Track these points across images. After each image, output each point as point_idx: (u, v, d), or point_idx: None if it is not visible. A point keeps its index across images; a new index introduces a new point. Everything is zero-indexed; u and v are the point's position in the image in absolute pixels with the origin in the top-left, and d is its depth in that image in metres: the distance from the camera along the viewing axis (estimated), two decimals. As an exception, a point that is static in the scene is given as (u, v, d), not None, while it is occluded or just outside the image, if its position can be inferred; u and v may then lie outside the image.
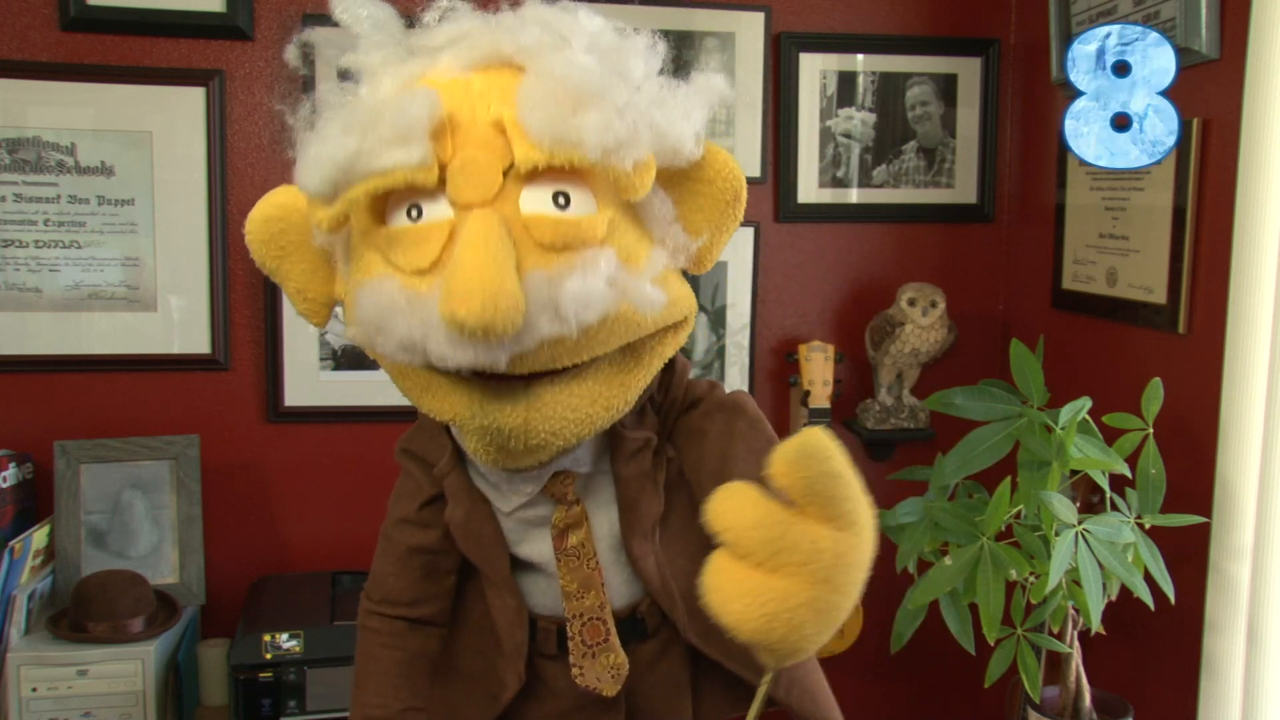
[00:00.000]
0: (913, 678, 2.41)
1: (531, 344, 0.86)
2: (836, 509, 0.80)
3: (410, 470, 1.17)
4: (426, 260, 0.88)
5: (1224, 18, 1.64)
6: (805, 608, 0.80)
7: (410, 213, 0.90)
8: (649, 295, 0.94)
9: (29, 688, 1.80)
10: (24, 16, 2.00)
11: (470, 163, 0.89)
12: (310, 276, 1.02)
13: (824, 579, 0.80)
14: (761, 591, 0.80)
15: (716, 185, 1.00)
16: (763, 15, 2.19)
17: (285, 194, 1.02)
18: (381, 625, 1.18)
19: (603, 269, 0.89)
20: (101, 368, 2.07)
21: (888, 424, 2.26)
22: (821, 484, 0.80)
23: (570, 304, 0.86)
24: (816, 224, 2.29)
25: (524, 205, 0.89)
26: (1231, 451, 1.53)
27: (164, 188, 2.06)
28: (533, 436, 0.92)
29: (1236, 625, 1.54)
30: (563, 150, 0.87)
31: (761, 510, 0.81)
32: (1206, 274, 1.69)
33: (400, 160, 0.87)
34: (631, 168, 0.90)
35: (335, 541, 2.18)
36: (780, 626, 0.80)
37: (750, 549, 0.80)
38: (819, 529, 0.80)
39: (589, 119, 0.87)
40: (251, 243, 1.01)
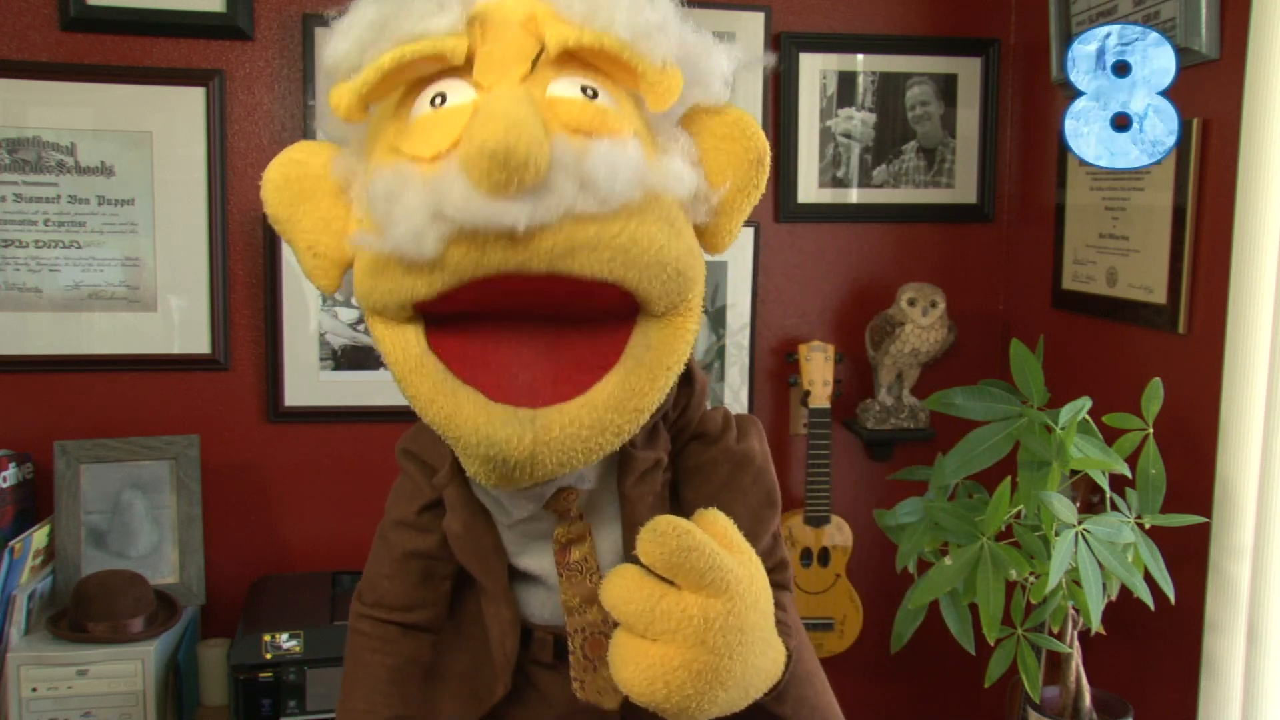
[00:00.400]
0: (913, 678, 2.41)
1: (554, 210, 0.81)
2: (700, 579, 0.87)
3: (410, 472, 1.15)
4: (446, 141, 0.84)
5: (1224, 18, 1.64)
6: (681, 670, 0.87)
7: (434, 101, 0.88)
8: (678, 172, 0.91)
9: (29, 688, 1.80)
10: (24, 16, 2.00)
11: (498, 48, 0.88)
12: (322, 229, 0.96)
13: (697, 642, 0.87)
14: (642, 658, 0.88)
15: (740, 144, 0.97)
16: (763, 15, 2.19)
17: (306, 146, 0.98)
18: (373, 629, 1.17)
19: (630, 149, 0.86)
20: (101, 368, 2.08)
21: (888, 424, 2.26)
22: (678, 559, 0.87)
23: (598, 167, 0.82)
24: (816, 224, 2.29)
25: (552, 90, 0.87)
26: (1231, 451, 1.53)
27: (164, 188, 2.06)
28: (538, 467, 0.88)
29: (1236, 625, 1.54)
30: (594, 25, 0.86)
31: (635, 586, 0.88)
32: (1206, 274, 1.69)
33: (432, 25, 0.86)
34: (660, 65, 0.88)
35: (335, 541, 2.18)
36: (662, 688, 0.87)
37: (631, 620, 0.88)
38: (688, 598, 0.87)
39: (620, 6, 0.87)
40: (267, 188, 0.96)
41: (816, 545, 2.21)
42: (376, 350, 0.96)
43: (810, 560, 2.21)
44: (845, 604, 2.23)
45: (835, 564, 2.22)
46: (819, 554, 2.21)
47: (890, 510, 1.70)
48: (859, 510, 2.27)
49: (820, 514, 2.18)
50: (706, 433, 1.12)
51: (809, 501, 2.18)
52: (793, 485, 2.33)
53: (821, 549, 2.21)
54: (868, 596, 2.25)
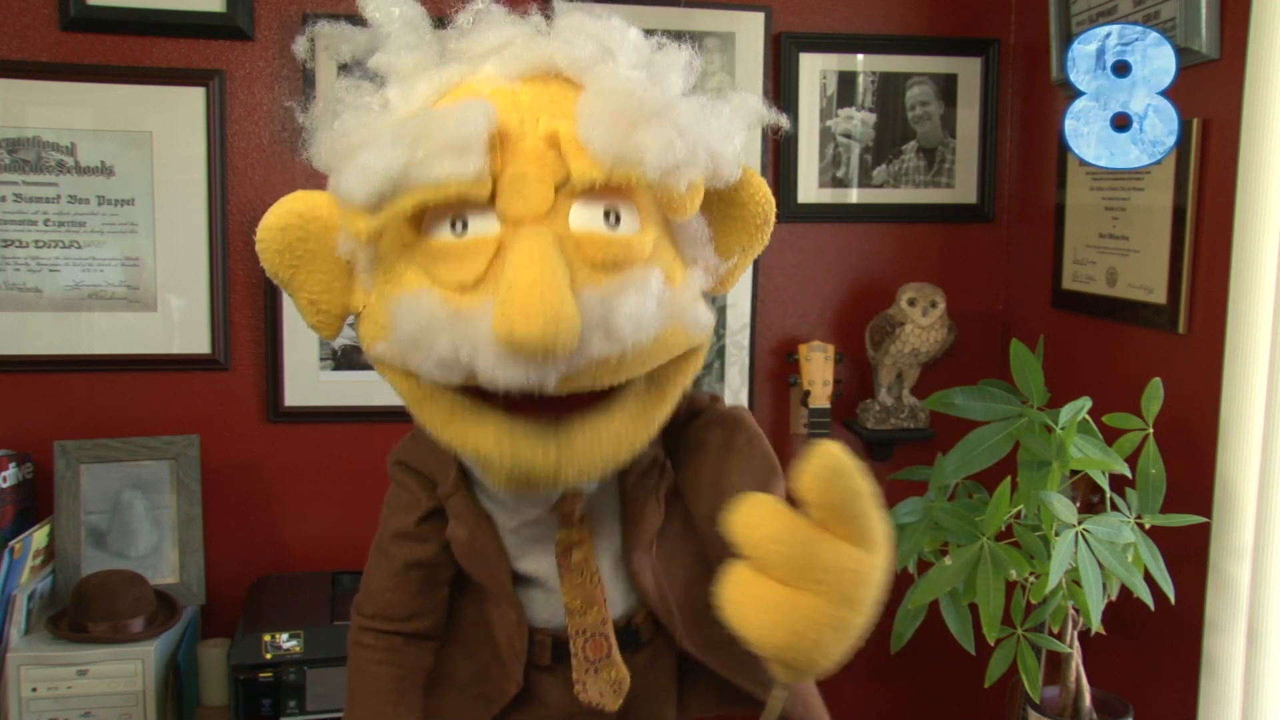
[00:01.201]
0: (913, 678, 2.41)
1: (582, 364, 0.84)
2: (860, 527, 0.81)
3: (406, 484, 1.15)
4: (472, 276, 0.85)
5: (1224, 18, 1.64)
6: (828, 626, 0.80)
7: (455, 226, 0.88)
8: (690, 309, 0.93)
9: (29, 688, 1.80)
10: (24, 16, 2.00)
11: (522, 177, 0.87)
12: (326, 288, 0.97)
13: (847, 598, 0.80)
14: (787, 608, 0.80)
15: (749, 209, 1.01)
16: (763, 15, 2.19)
17: (302, 200, 0.96)
18: (377, 641, 1.16)
19: (653, 288, 0.88)
20: (101, 368, 2.07)
21: (888, 424, 2.26)
22: (849, 503, 0.80)
23: (625, 324, 0.85)
24: (816, 224, 2.29)
25: (574, 222, 0.88)
26: (1231, 451, 1.53)
27: (164, 188, 2.06)
28: (562, 478, 0.90)
29: (1236, 625, 1.54)
30: (623, 169, 0.86)
31: (789, 525, 0.80)
32: (1206, 274, 1.69)
33: (456, 172, 0.85)
34: (685, 189, 0.89)
35: (335, 541, 2.18)
36: (804, 643, 0.80)
37: (775, 564, 0.80)
38: (844, 548, 0.80)
39: (651, 138, 0.86)
40: (265, 251, 0.96)
41: (816, 545, 2.21)
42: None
43: (810, 560, 2.21)
44: (845, 604, 2.23)
45: (835, 564, 2.22)
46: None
47: (890, 510, 1.70)
48: (859, 510, 2.27)
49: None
50: (696, 409, 1.13)
51: (809, 501, 2.17)
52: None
53: (821, 549, 2.21)
54: (868, 596, 2.25)
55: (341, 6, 2.09)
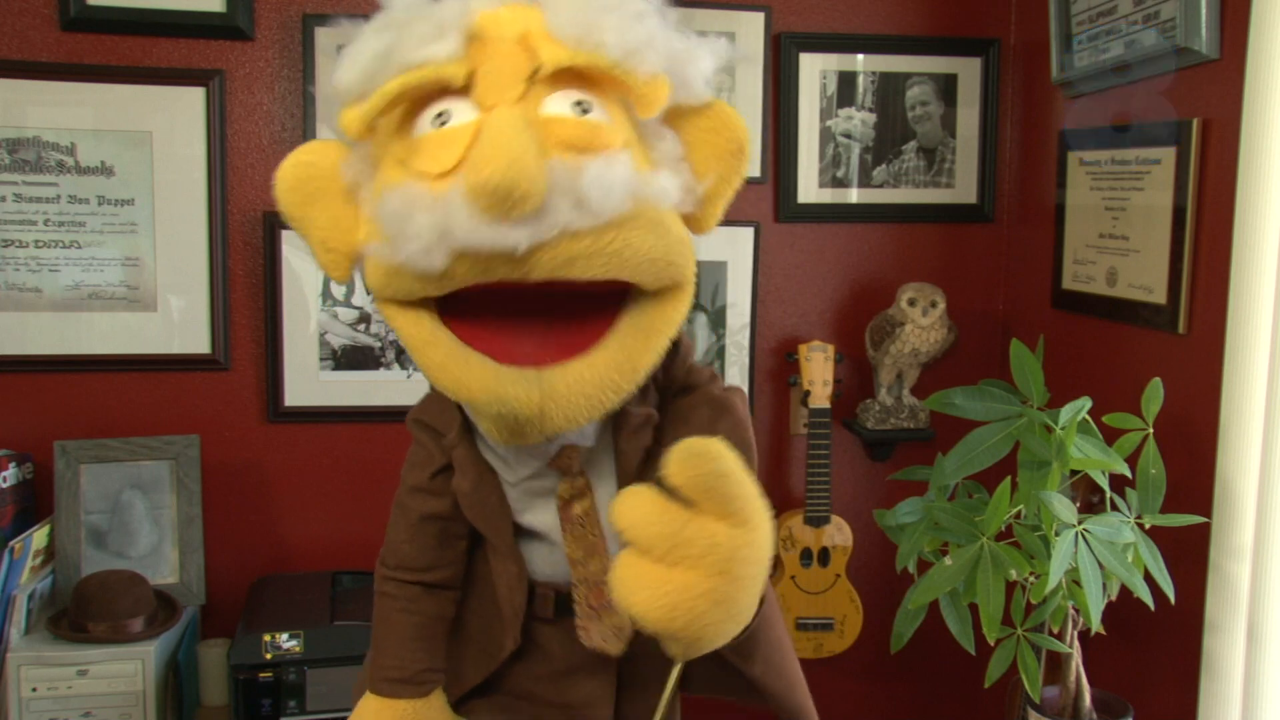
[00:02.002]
0: (913, 678, 2.41)
1: (552, 230, 0.87)
2: (728, 506, 0.86)
3: (421, 439, 1.20)
4: (451, 160, 0.90)
5: (1224, 18, 1.64)
6: (704, 598, 0.86)
7: (437, 119, 0.94)
8: (664, 185, 0.97)
9: (29, 688, 1.80)
10: (24, 16, 2.00)
11: (497, 67, 0.94)
12: (333, 226, 1.02)
13: (721, 571, 0.86)
14: (662, 583, 0.86)
15: (723, 135, 1.04)
16: (763, 15, 2.19)
17: (315, 147, 1.04)
18: (398, 590, 1.21)
19: (621, 161, 0.92)
20: (101, 368, 2.08)
21: (888, 424, 2.26)
22: (711, 482, 0.85)
23: (592, 187, 0.88)
24: (816, 224, 2.29)
25: (546, 109, 0.93)
26: (1231, 451, 1.53)
27: (164, 188, 2.06)
28: (547, 422, 0.95)
29: (1236, 625, 1.54)
30: (586, 47, 0.92)
31: (659, 507, 0.86)
32: (1206, 274, 1.69)
33: (432, 52, 0.92)
34: (648, 78, 0.94)
35: (335, 541, 2.18)
36: (681, 616, 0.86)
37: (650, 544, 0.86)
38: (714, 525, 0.86)
39: (609, 21, 0.93)
40: (280, 189, 1.03)
41: (816, 545, 2.21)
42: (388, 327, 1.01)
43: (810, 560, 2.21)
44: (845, 604, 2.23)
45: (835, 564, 2.22)
46: (819, 554, 2.21)
47: (890, 510, 1.70)
48: (859, 510, 2.27)
49: (820, 514, 2.18)
50: (692, 384, 1.16)
51: (809, 501, 2.18)
52: (793, 485, 2.33)
53: (821, 549, 2.21)
54: (868, 596, 2.25)
55: (341, 6, 2.10)
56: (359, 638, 1.85)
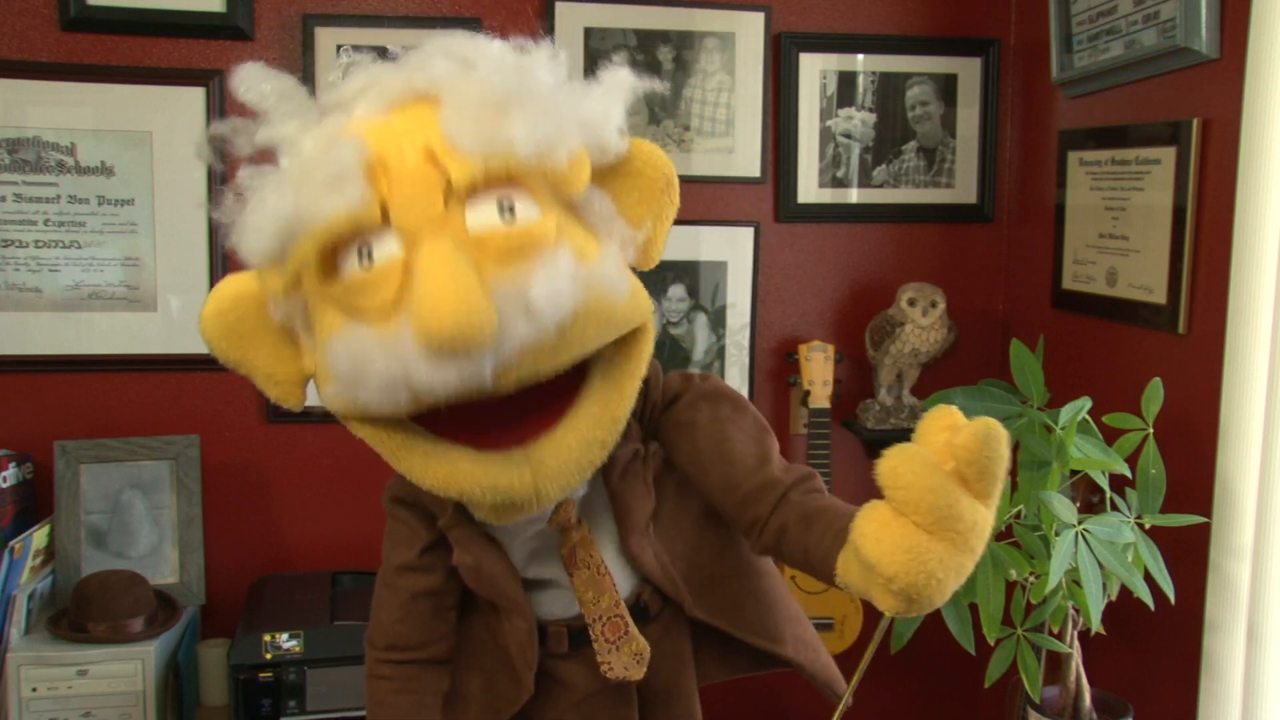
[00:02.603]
0: (913, 678, 2.41)
1: (511, 352, 0.88)
2: (992, 489, 0.87)
3: (403, 518, 1.18)
4: (388, 299, 0.89)
5: (1224, 18, 1.64)
6: (953, 571, 0.87)
7: (360, 256, 0.91)
8: (613, 279, 0.96)
9: (29, 688, 1.80)
10: (24, 16, 2.00)
11: (408, 194, 0.90)
12: (275, 359, 1.02)
13: (971, 549, 0.87)
14: (925, 550, 0.86)
15: (647, 175, 1.03)
16: (763, 15, 2.19)
17: (232, 284, 1.02)
18: (393, 672, 1.19)
19: (562, 264, 0.91)
20: (101, 368, 2.07)
21: (888, 424, 2.25)
22: (995, 466, 0.86)
23: (541, 300, 0.88)
24: (816, 224, 2.29)
25: (470, 223, 0.91)
26: (1231, 451, 1.53)
27: (164, 188, 2.06)
28: (544, 498, 0.96)
29: (1236, 625, 1.54)
30: (496, 156, 0.90)
31: (937, 478, 0.86)
32: (1206, 274, 1.69)
33: (339, 204, 0.89)
34: (567, 164, 0.93)
35: (335, 541, 2.18)
36: (932, 584, 0.86)
37: (921, 510, 0.86)
38: (977, 504, 0.87)
39: (515, 121, 0.90)
40: (210, 339, 1.02)
41: (816, 545, 2.21)
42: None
43: (810, 560, 2.21)
44: (845, 604, 2.23)
45: (835, 564, 2.22)
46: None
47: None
48: (859, 510, 2.27)
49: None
50: (674, 394, 1.16)
51: (809, 501, 2.17)
52: (793, 485, 2.33)
53: (821, 549, 2.21)
54: (868, 596, 2.25)
55: (341, 6, 2.10)
56: (359, 638, 1.83)
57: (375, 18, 2.08)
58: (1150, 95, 1.83)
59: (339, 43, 2.07)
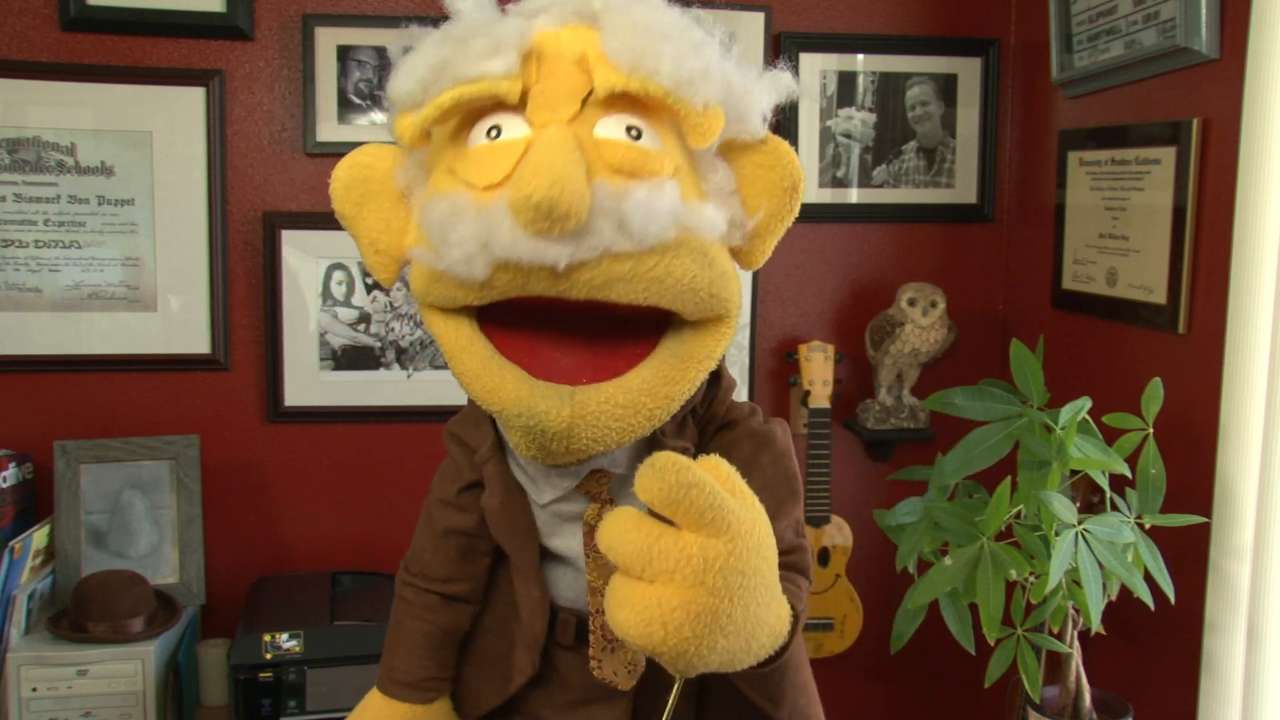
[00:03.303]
0: (913, 678, 2.41)
1: (593, 251, 0.88)
2: (702, 518, 0.84)
3: (454, 453, 1.20)
4: (499, 174, 0.91)
5: (1224, 18, 1.64)
6: (679, 610, 0.83)
7: (490, 133, 0.94)
8: (710, 228, 0.97)
9: (29, 688, 1.80)
10: (24, 16, 2.00)
11: (551, 87, 0.94)
12: (384, 228, 1.04)
13: (696, 583, 0.83)
14: (640, 600, 0.84)
15: (776, 171, 1.04)
16: (763, 15, 2.19)
17: (371, 150, 1.05)
18: (415, 597, 1.22)
19: (667, 190, 0.92)
20: (101, 368, 2.08)
21: (888, 424, 2.25)
22: (678, 495, 0.83)
23: (635, 212, 0.89)
24: (816, 224, 2.29)
25: (598, 131, 0.93)
26: (1231, 451, 1.53)
27: (164, 188, 2.06)
28: (575, 440, 0.95)
29: (1236, 625, 1.54)
30: (640, 75, 0.92)
31: (632, 526, 0.85)
32: (1206, 274, 1.69)
33: (489, 68, 0.92)
34: (702, 108, 0.94)
35: (335, 541, 2.18)
36: (659, 630, 0.83)
37: (628, 562, 0.85)
38: (687, 537, 0.84)
39: (666, 49, 0.92)
40: (335, 188, 1.04)
41: (816, 545, 2.21)
42: (428, 334, 1.02)
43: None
44: (845, 604, 2.23)
45: (835, 564, 2.22)
46: (819, 554, 2.21)
47: (890, 510, 1.70)
48: (859, 510, 2.27)
49: (820, 514, 2.18)
50: (733, 419, 1.15)
51: (809, 501, 2.18)
52: (793, 485, 2.33)
53: (821, 549, 2.21)
54: (868, 596, 2.25)
55: (341, 6, 2.10)
56: (359, 638, 1.85)
57: (375, 18, 2.09)
58: (1150, 95, 1.83)
59: (339, 43, 2.08)
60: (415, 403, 2.15)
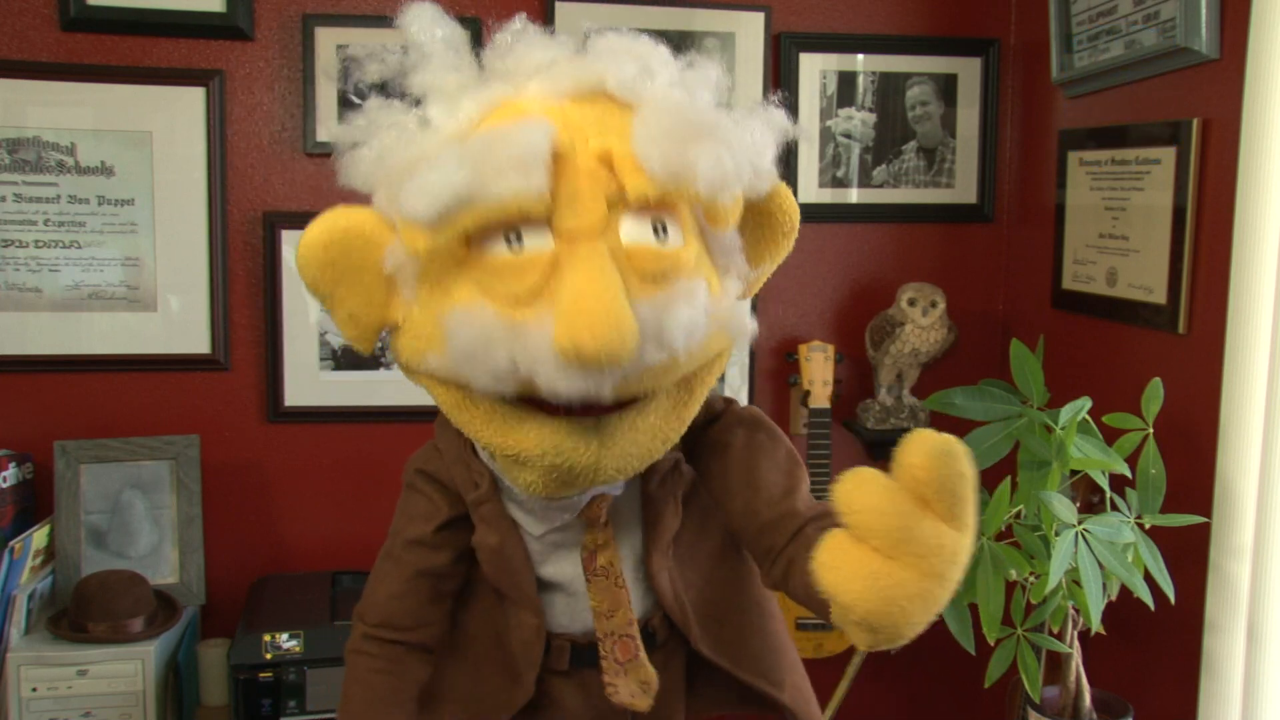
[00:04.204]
0: (913, 678, 2.41)
1: (636, 373, 0.88)
2: (958, 509, 0.83)
3: (425, 492, 1.15)
4: (527, 289, 0.88)
5: (1224, 18, 1.64)
6: (918, 598, 0.83)
7: (509, 240, 0.89)
8: (734, 314, 0.98)
9: (29, 688, 1.80)
10: (24, 16, 2.00)
11: (577, 194, 0.89)
12: (365, 302, 0.98)
13: (938, 574, 0.83)
14: (882, 576, 0.83)
15: (777, 219, 1.05)
16: (763, 15, 2.19)
17: (345, 217, 0.97)
18: (379, 650, 1.16)
19: (700, 298, 0.91)
20: (101, 368, 2.07)
21: (888, 424, 2.25)
22: (954, 484, 0.82)
23: (677, 333, 0.88)
24: (816, 224, 2.29)
25: (624, 235, 0.90)
26: (1231, 451, 1.53)
27: (164, 188, 2.06)
28: (601, 474, 0.94)
29: (1236, 625, 1.54)
30: (676, 185, 0.88)
31: (893, 499, 0.83)
32: (1206, 274, 1.69)
33: (519, 188, 0.86)
34: (730, 203, 0.93)
35: (335, 541, 2.18)
36: (894, 611, 0.83)
37: (877, 534, 0.83)
38: (941, 526, 0.83)
39: (703, 155, 0.88)
40: (306, 266, 0.96)
41: (816, 545, 2.21)
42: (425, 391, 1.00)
43: (810, 560, 2.21)
44: (845, 604, 2.23)
45: (835, 564, 2.22)
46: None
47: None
48: (859, 510, 2.27)
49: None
50: (713, 414, 1.15)
51: (809, 501, 2.17)
52: (793, 485, 2.33)
53: (821, 549, 2.21)
54: (868, 596, 2.25)
55: (341, 6, 2.10)
56: (359, 638, 1.85)
57: (375, 18, 2.09)
58: (1150, 95, 1.83)
59: (339, 43, 2.08)
60: (415, 403, 2.11)
